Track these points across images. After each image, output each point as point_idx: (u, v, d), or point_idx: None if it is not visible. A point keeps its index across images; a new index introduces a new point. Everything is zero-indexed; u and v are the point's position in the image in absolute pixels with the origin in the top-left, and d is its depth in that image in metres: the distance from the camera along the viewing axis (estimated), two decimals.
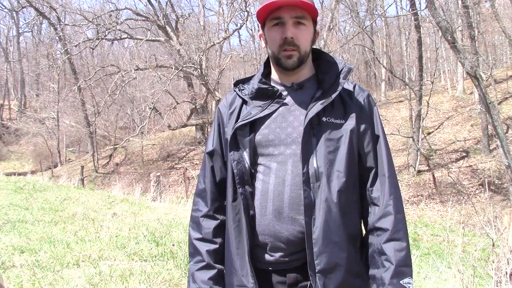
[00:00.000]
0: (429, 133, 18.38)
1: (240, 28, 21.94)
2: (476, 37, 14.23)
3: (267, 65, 1.47)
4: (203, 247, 1.41)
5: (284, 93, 1.39)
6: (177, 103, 22.85)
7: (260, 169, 1.34)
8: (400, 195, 1.33)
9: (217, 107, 1.52)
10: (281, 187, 1.29)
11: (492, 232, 3.80)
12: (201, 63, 17.04)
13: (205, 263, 1.40)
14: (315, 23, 1.38)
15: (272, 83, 1.42)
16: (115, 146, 24.81)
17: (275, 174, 1.31)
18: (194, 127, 23.67)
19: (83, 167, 19.94)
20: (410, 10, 17.14)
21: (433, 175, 14.58)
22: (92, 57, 28.46)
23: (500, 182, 13.19)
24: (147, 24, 20.93)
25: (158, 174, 10.82)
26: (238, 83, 1.48)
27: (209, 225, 1.43)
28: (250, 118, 1.35)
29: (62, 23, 21.80)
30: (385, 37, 26.11)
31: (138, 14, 20.07)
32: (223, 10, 23.12)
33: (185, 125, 23.49)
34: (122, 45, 26.83)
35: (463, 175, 14.52)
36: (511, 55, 25.85)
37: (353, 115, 1.34)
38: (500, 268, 3.32)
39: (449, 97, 22.15)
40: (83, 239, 4.94)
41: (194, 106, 21.82)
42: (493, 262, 3.44)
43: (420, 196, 14.04)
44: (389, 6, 41.21)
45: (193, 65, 16.90)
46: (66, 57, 21.53)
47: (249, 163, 1.33)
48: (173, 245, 4.72)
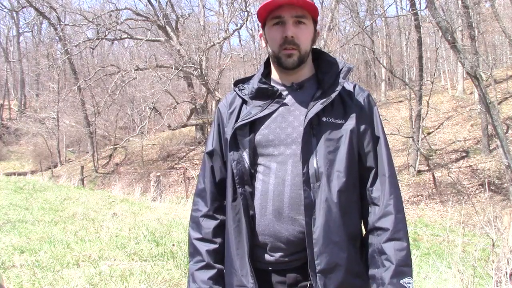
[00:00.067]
0: (429, 133, 18.37)
1: (240, 28, 21.95)
2: (476, 37, 14.22)
3: (267, 65, 1.47)
4: (203, 247, 1.41)
5: (284, 93, 1.38)
6: (177, 103, 22.84)
7: (260, 169, 1.34)
8: (400, 195, 1.33)
9: (217, 107, 1.52)
10: (281, 187, 1.29)
11: (492, 232, 3.80)
12: (201, 63, 17.03)
13: (205, 263, 1.40)
14: (315, 22, 1.38)
15: (272, 83, 1.42)
16: (115, 146, 24.81)
17: (275, 174, 1.31)
18: (194, 127, 23.67)
19: (83, 167, 19.93)
20: (410, 10, 17.14)
21: (433, 175, 14.57)
22: (92, 57, 28.45)
23: (500, 182, 13.19)
24: (147, 24, 20.93)
25: (158, 174, 10.81)
26: (238, 82, 1.48)
27: (209, 225, 1.43)
28: (250, 118, 1.34)
29: (62, 23, 21.80)
30: (385, 37, 26.11)
31: (138, 14, 20.07)
32: (223, 10, 23.15)
33: (185, 125, 23.48)
34: (122, 45, 26.87)
35: (463, 175, 14.52)
36: (511, 55, 25.85)
37: (353, 115, 1.34)
38: (500, 268, 3.32)
39: (449, 97, 22.14)
40: (83, 239, 4.94)
41: (194, 106, 21.81)
42: (493, 262, 3.44)
43: (420, 196, 14.03)
44: (389, 6, 41.25)
45: (193, 65, 16.89)
46: (66, 57, 21.54)
47: (249, 163, 1.33)
48: (173, 245, 4.71)
